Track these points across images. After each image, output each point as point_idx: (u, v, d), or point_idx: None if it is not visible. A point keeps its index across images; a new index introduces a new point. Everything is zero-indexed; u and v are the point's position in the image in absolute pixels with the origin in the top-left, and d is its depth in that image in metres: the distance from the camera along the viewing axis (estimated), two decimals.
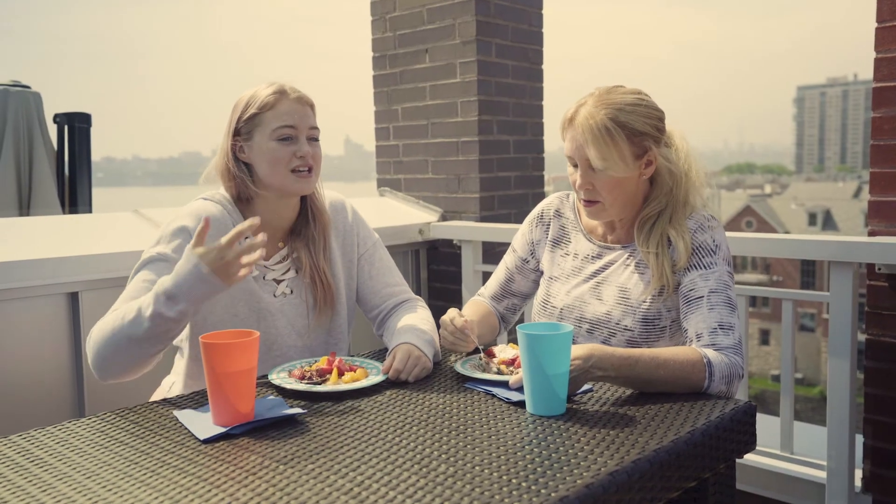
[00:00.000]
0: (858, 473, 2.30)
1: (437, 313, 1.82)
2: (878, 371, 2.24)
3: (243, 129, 1.74)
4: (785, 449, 2.44)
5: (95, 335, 1.57)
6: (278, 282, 1.81)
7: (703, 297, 1.63)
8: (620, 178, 1.67)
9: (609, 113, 1.64)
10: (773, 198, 46.68)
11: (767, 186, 55.01)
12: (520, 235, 1.97)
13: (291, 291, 1.81)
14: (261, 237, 1.49)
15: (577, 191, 1.74)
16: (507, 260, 1.99)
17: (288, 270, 1.82)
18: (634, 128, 1.65)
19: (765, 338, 32.97)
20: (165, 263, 1.63)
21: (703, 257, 1.66)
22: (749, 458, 2.48)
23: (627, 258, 1.76)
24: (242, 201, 1.79)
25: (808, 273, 35.01)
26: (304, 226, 1.84)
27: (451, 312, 1.71)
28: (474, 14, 3.18)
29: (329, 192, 1.93)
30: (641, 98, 1.70)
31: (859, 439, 2.30)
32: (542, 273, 1.93)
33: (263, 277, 1.79)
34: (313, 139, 1.77)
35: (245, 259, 1.48)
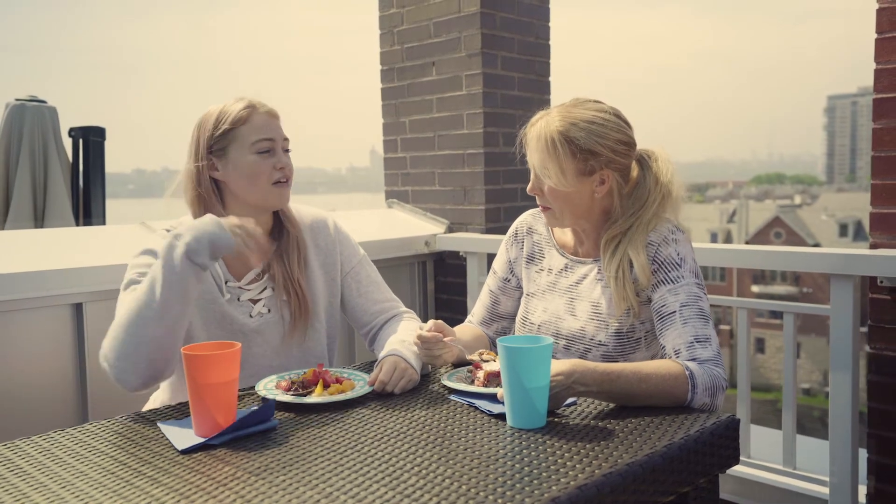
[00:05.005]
0: (863, 489, 2.27)
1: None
2: (882, 385, 2.20)
3: (216, 147, 1.74)
4: (787, 464, 2.41)
5: (110, 338, 1.57)
6: (255, 301, 1.80)
7: (675, 311, 1.60)
8: (565, 190, 1.67)
9: (561, 126, 1.65)
10: (803, 208, 46.06)
11: (797, 197, 54.27)
12: (498, 256, 1.97)
13: (269, 311, 1.80)
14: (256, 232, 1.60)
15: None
16: (490, 283, 1.98)
17: (264, 289, 1.81)
18: (581, 146, 1.64)
19: None
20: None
21: (670, 271, 1.64)
22: (751, 472, 2.45)
23: (599, 273, 1.74)
24: None
25: None
26: (278, 238, 1.84)
27: (417, 331, 1.71)
28: (479, 27, 3.20)
29: (312, 208, 1.93)
30: (603, 117, 1.66)
31: (864, 454, 2.26)
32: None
33: (238, 299, 1.78)
34: (286, 150, 1.80)
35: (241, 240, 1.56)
